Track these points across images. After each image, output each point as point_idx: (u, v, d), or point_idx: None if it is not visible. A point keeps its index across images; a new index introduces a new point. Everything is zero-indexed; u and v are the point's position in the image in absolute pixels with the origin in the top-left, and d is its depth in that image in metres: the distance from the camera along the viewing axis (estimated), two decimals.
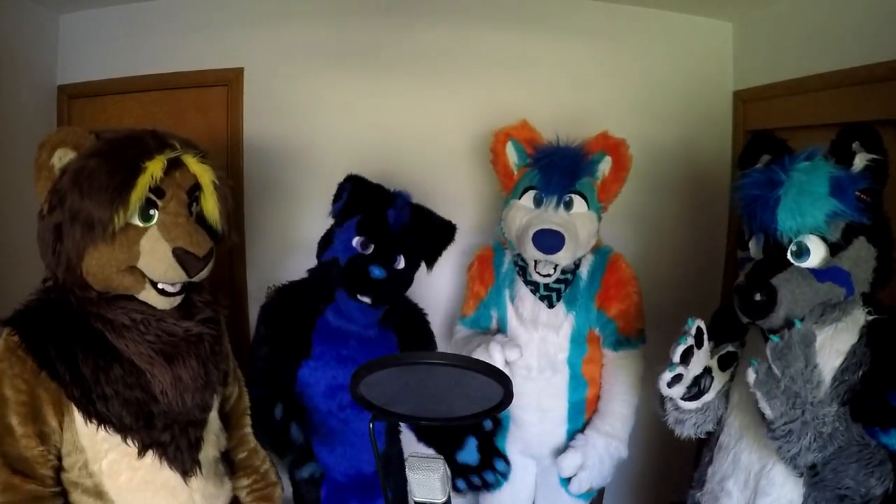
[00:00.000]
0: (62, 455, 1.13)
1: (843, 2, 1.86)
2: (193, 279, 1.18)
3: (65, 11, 2.34)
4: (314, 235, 1.76)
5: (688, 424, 1.37)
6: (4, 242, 2.06)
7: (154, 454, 1.17)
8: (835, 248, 1.13)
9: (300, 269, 1.79)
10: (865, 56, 1.73)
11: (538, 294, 1.76)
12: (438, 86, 2.37)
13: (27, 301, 1.15)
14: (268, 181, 2.41)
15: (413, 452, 1.01)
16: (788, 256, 1.15)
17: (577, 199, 1.69)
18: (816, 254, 1.14)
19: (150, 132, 1.15)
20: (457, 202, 2.19)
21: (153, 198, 1.12)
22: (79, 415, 1.10)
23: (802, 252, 1.14)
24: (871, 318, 1.16)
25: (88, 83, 2.36)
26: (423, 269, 1.76)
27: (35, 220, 1.13)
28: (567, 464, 1.73)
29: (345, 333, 1.68)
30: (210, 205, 1.21)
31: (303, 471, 1.62)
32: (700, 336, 1.23)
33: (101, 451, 1.13)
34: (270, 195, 2.42)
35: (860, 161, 1.15)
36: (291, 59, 2.35)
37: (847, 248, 1.12)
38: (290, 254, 2.36)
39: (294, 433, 1.60)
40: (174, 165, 1.14)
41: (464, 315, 1.96)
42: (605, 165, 1.73)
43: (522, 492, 1.92)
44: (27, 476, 1.07)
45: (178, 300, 1.21)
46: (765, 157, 1.29)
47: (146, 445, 1.15)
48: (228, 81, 2.37)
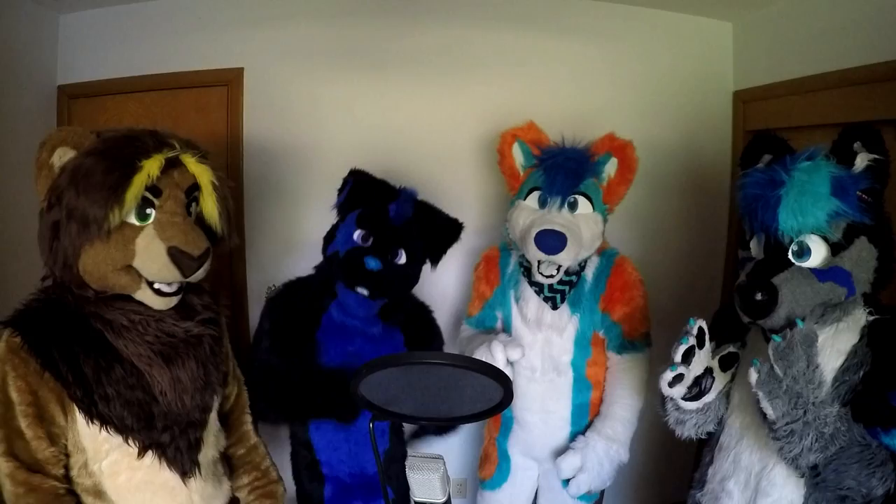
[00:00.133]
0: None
1: (843, 2, 1.86)
2: (189, 279, 1.18)
3: (64, 11, 2.34)
4: (314, 235, 1.76)
5: (688, 425, 1.37)
6: (4, 242, 2.06)
7: (154, 455, 1.16)
8: (836, 248, 1.12)
9: (300, 269, 1.78)
10: (866, 56, 1.73)
11: (542, 295, 1.76)
12: (439, 86, 2.37)
13: (27, 301, 1.15)
14: (268, 181, 2.40)
15: (413, 452, 1.01)
16: (789, 256, 1.15)
17: (582, 201, 1.68)
18: (817, 253, 1.13)
19: (150, 132, 1.15)
20: (461, 203, 2.18)
21: (150, 197, 1.12)
22: (80, 415, 1.10)
23: (803, 252, 1.14)
24: (872, 319, 1.15)
25: (88, 83, 2.36)
26: (430, 269, 1.75)
27: (35, 220, 1.13)
28: (566, 465, 1.72)
29: (349, 330, 1.68)
30: (209, 205, 1.20)
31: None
32: (701, 336, 1.23)
33: (102, 452, 1.13)
34: (270, 195, 2.42)
35: (861, 161, 1.14)
36: (291, 59, 2.35)
37: (848, 248, 1.12)
38: (290, 254, 2.36)
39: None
40: (172, 165, 1.14)
41: (469, 315, 1.96)
42: (611, 167, 1.72)
43: (522, 493, 1.91)
44: (46, 475, 1.08)
45: (175, 301, 1.20)
46: (766, 157, 1.29)
47: (146, 446, 1.15)
48: (228, 81, 2.37)
